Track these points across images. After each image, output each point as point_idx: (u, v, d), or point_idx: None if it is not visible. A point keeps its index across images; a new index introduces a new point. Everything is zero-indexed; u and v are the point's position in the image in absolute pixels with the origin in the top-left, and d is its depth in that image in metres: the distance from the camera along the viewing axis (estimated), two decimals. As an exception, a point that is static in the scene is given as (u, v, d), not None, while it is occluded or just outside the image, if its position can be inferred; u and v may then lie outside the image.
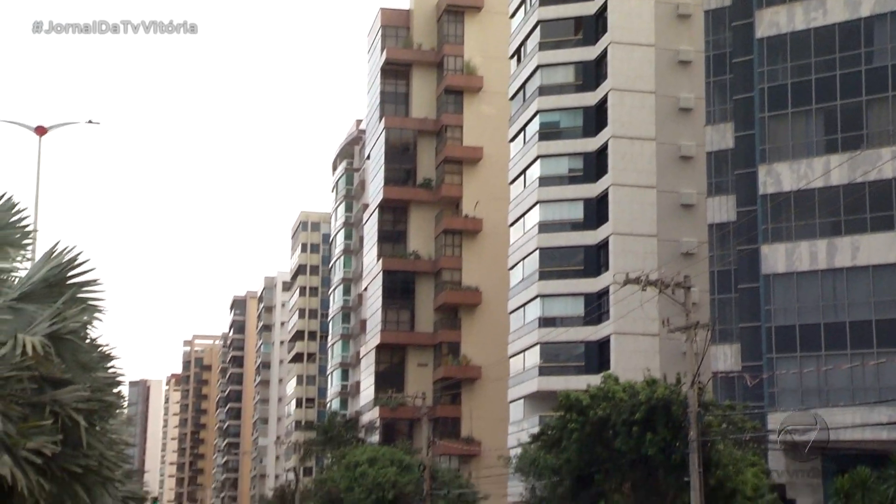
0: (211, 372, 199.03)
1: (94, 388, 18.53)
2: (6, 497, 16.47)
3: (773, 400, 42.57)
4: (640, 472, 36.79)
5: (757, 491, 36.91)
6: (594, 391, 38.63)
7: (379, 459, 64.94)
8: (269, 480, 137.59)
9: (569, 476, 40.08)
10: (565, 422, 38.90)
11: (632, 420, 36.06)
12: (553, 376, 62.03)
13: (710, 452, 35.43)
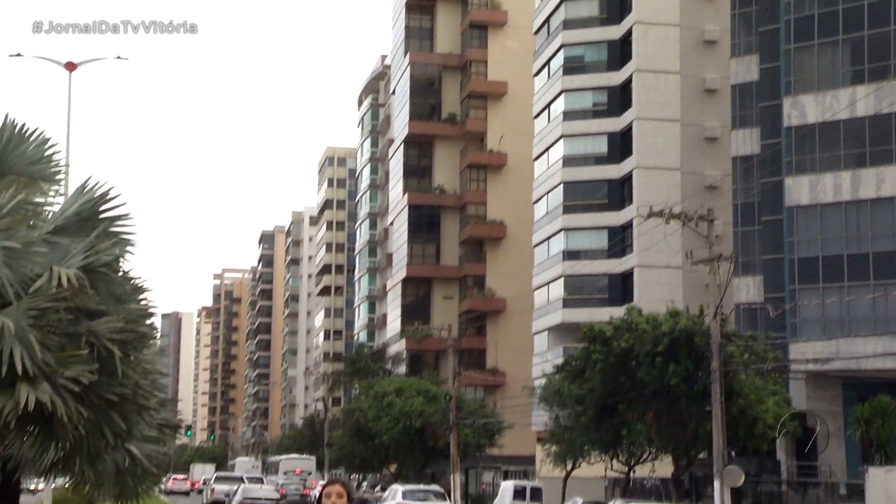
0: (241, 304, 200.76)
1: (127, 319, 18.74)
2: (47, 423, 16.76)
3: (795, 330, 42.51)
4: (662, 402, 36.94)
5: (778, 419, 37.01)
6: (617, 323, 38.67)
7: (406, 390, 65.55)
8: (298, 410, 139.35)
9: (592, 406, 40.32)
10: (589, 353, 39.02)
11: (655, 351, 36.12)
12: (577, 308, 62.15)
13: (732, 382, 35.51)
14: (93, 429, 17.60)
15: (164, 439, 30.28)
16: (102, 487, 26.08)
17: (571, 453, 47.09)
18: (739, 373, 36.06)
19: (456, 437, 58.21)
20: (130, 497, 26.91)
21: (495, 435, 63.89)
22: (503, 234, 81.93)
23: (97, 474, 22.97)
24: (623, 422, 38.67)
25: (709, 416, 34.68)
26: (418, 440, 63.65)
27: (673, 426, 37.68)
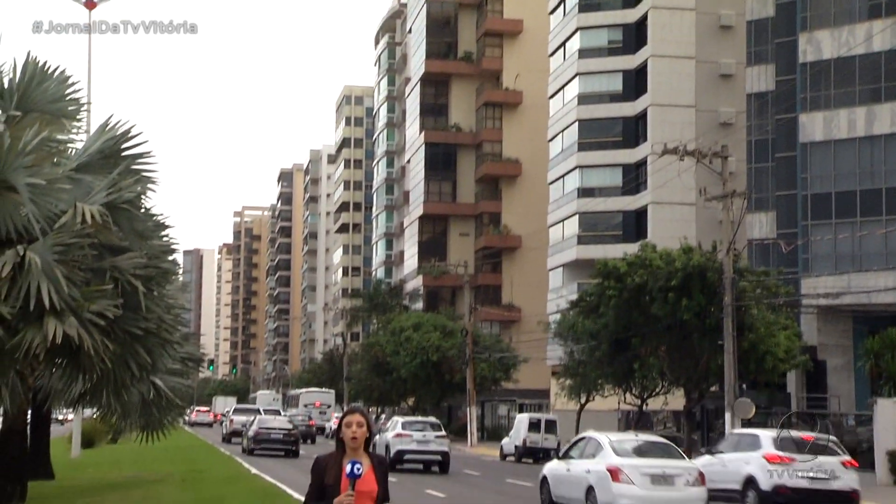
0: (260, 241, 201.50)
1: (150, 255, 18.92)
2: (74, 356, 17.01)
3: (807, 266, 42.45)
4: (675, 336, 37.07)
5: (789, 353, 37.11)
6: (631, 259, 38.67)
7: (423, 325, 65.98)
8: (317, 345, 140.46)
9: (606, 340, 40.49)
10: (603, 289, 39.08)
11: (668, 286, 36.16)
12: (591, 245, 62.13)
13: (744, 317, 35.58)
14: (118, 361, 17.87)
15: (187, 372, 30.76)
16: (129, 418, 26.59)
17: (585, 387, 47.46)
18: (751, 307, 36.10)
19: (472, 372, 58.69)
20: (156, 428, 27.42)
21: (511, 369, 64.39)
22: (519, 172, 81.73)
23: (123, 406, 23.41)
24: (636, 356, 38.86)
25: (720, 350, 34.84)
26: (435, 374, 64.22)
27: (685, 360, 37.85)
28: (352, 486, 6.23)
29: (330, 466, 6.41)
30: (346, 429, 6.46)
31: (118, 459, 37.87)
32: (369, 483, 6.34)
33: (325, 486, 6.34)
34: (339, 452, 6.48)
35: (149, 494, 23.17)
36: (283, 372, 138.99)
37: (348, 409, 6.63)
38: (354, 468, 6.23)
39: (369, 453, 6.53)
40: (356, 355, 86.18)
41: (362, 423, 6.47)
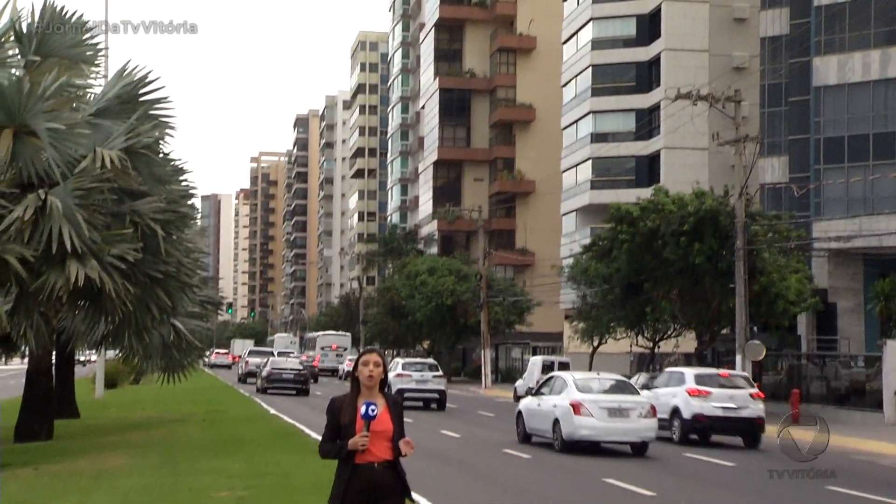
0: (277, 187, 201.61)
1: (169, 199, 19.00)
2: (96, 298, 17.18)
3: (818, 209, 42.25)
4: (687, 280, 37.07)
5: (799, 295, 37.09)
6: (644, 203, 38.56)
7: (438, 269, 66.16)
8: (334, 289, 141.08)
9: (619, 284, 40.54)
10: (616, 233, 39.04)
11: (680, 231, 36.07)
12: (604, 190, 61.94)
13: (756, 260, 35.53)
14: (139, 304, 18.04)
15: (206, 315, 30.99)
16: (150, 360, 26.88)
17: (598, 330, 47.61)
18: (763, 251, 36.03)
19: (486, 315, 58.94)
20: (176, 369, 27.71)
21: (524, 312, 64.63)
22: (532, 118, 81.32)
23: (145, 347, 23.67)
24: (648, 299, 38.91)
25: (732, 294, 34.85)
26: (450, 318, 64.53)
27: (697, 303, 37.88)
28: (366, 426, 6.23)
29: (345, 407, 6.40)
30: (362, 368, 6.43)
31: (140, 400, 38.34)
32: (384, 423, 6.33)
33: (340, 427, 6.35)
34: (354, 393, 6.45)
35: (171, 433, 23.50)
36: (301, 315, 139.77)
37: (365, 350, 6.61)
38: (369, 409, 6.23)
39: (384, 394, 6.49)
40: (372, 299, 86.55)
41: (379, 363, 6.44)
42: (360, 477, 6.26)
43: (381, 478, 6.28)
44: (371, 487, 6.26)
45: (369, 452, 6.27)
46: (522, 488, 15.66)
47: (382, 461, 6.30)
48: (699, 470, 19.20)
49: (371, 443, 6.24)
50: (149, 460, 17.48)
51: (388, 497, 6.28)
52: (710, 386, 24.78)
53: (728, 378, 25.74)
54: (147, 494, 13.09)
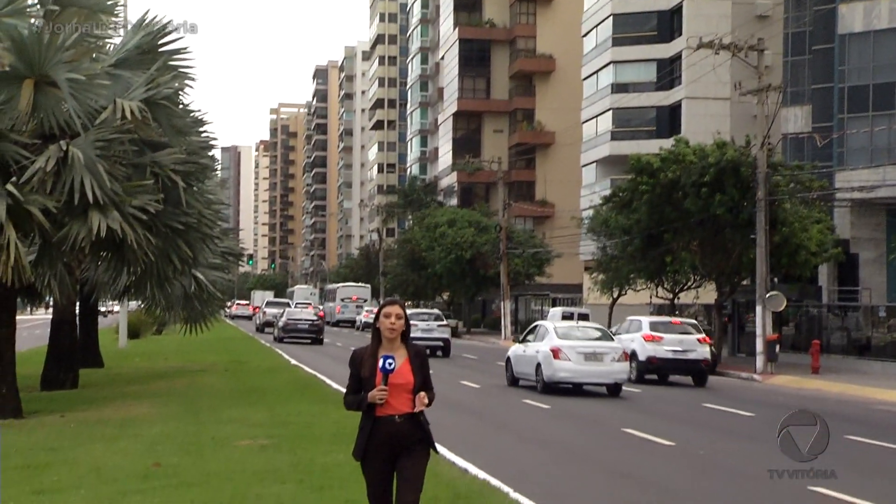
0: (297, 139, 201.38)
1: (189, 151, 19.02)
2: (118, 249, 17.28)
3: (841, 159, 41.81)
4: (707, 231, 36.89)
5: (821, 246, 36.87)
6: (665, 154, 38.29)
7: (457, 221, 66.11)
8: (354, 241, 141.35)
9: (639, 235, 40.41)
10: (636, 184, 38.81)
11: (701, 182, 35.83)
12: (625, 141, 61.54)
13: (777, 211, 35.32)
14: (161, 255, 18.15)
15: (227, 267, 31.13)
16: (172, 311, 27.06)
17: (618, 281, 47.54)
18: (784, 202, 35.80)
19: (506, 267, 58.97)
20: (198, 320, 27.89)
21: (544, 264, 64.59)
22: (552, 68, 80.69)
23: (167, 298, 23.84)
24: (668, 250, 38.79)
25: (752, 245, 34.69)
26: (470, 269, 64.61)
27: (717, 254, 37.73)
28: (384, 380, 6.20)
29: (366, 359, 6.36)
30: (384, 319, 6.37)
31: (163, 350, 38.69)
32: (404, 375, 6.29)
33: (361, 379, 6.33)
34: (375, 344, 6.41)
35: (193, 383, 23.72)
36: (321, 267, 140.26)
37: (387, 301, 6.55)
38: (386, 363, 6.22)
39: (407, 345, 6.44)
40: (392, 251, 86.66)
41: (401, 315, 6.41)
42: (381, 429, 6.25)
43: (402, 430, 6.26)
44: (392, 440, 6.25)
45: (389, 405, 6.24)
46: (544, 439, 15.76)
47: (403, 414, 6.26)
48: (713, 420, 19.26)
49: (391, 395, 6.22)
50: (172, 409, 17.67)
51: (411, 449, 6.27)
52: (663, 332, 28.12)
53: (679, 325, 29.19)
54: (171, 443, 13.25)
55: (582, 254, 58.59)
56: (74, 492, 9.85)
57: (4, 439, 14.12)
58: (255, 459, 11.78)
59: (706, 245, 37.76)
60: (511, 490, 10.12)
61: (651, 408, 21.23)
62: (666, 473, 12.44)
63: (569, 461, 13.48)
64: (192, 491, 9.79)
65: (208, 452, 12.38)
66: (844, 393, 27.10)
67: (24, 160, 16.01)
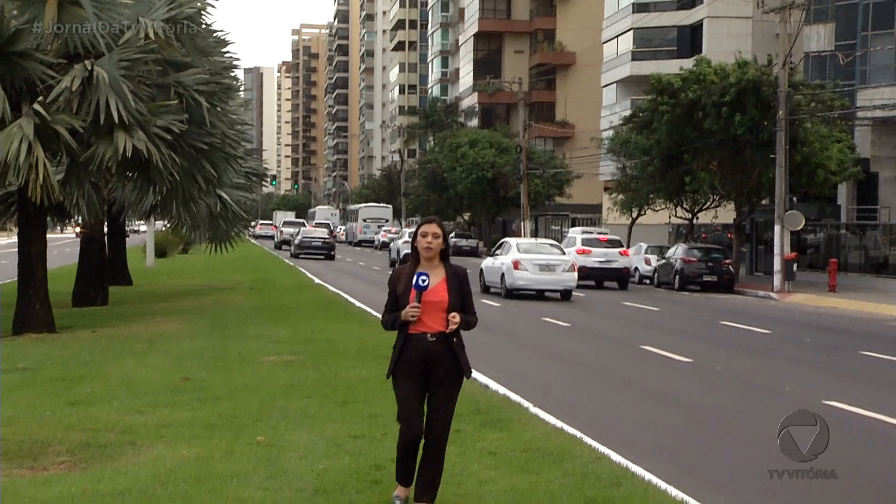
0: (318, 60, 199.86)
1: (212, 71, 18.93)
2: (144, 169, 17.32)
3: (864, 77, 41.08)
4: (727, 151, 36.59)
5: (841, 165, 36.50)
6: (685, 74, 37.80)
7: (478, 142, 65.77)
8: (376, 161, 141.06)
9: (658, 156, 40.13)
10: (656, 104, 38.42)
11: (721, 101, 35.43)
12: (645, 61, 60.70)
13: (797, 131, 34.94)
14: (186, 175, 18.19)
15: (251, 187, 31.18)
16: (198, 230, 27.20)
17: (637, 202, 47.38)
18: (805, 121, 35.38)
19: (526, 187, 58.79)
20: (223, 239, 28.04)
21: (564, 185, 64.34)
22: (574, -13, 79.37)
23: (192, 217, 23.95)
24: (688, 171, 38.54)
25: (772, 164, 34.40)
26: (490, 190, 64.46)
27: (736, 174, 37.46)
28: (418, 297, 6.06)
29: (402, 277, 6.25)
30: (421, 238, 6.22)
31: (189, 269, 39.02)
32: (439, 293, 6.13)
33: (397, 297, 6.23)
34: (412, 263, 6.28)
35: (220, 301, 23.96)
36: (343, 188, 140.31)
37: (425, 219, 6.35)
38: (419, 280, 6.06)
39: (445, 264, 6.28)
40: (413, 172, 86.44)
41: (438, 234, 6.21)
42: (413, 347, 6.13)
43: (434, 349, 6.12)
44: (423, 357, 6.12)
45: (422, 323, 6.11)
46: (564, 355, 15.88)
47: (436, 332, 6.12)
48: (730, 337, 19.34)
49: (425, 313, 6.09)
50: (199, 326, 17.87)
51: (442, 368, 6.14)
52: (592, 246, 33.69)
53: (606, 241, 34.64)
54: (199, 358, 13.43)
55: (602, 174, 58.30)
56: (107, 403, 10.03)
57: (39, 351, 14.38)
58: (281, 374, 11.91)
59: (725, 165, 37.49)
60: (531, 405, 10.22)
61: (669, 326, 21.31)
62: (683, 389, 12.53)
63: (587, 377, 13.59)
64: (219, 404, 9.95)
65: (235, 367, 12.54)
66: (861, 310, 27.09)
67: (50, 80, 15.98)
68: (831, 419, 10.44)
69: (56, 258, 40.17)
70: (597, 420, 10.06)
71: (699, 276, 34.19)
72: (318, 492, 6.59)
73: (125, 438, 8.43)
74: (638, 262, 39.00)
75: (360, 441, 8.24)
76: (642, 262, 38.82)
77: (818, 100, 36.18)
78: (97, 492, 6.61)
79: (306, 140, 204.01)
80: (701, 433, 9.70)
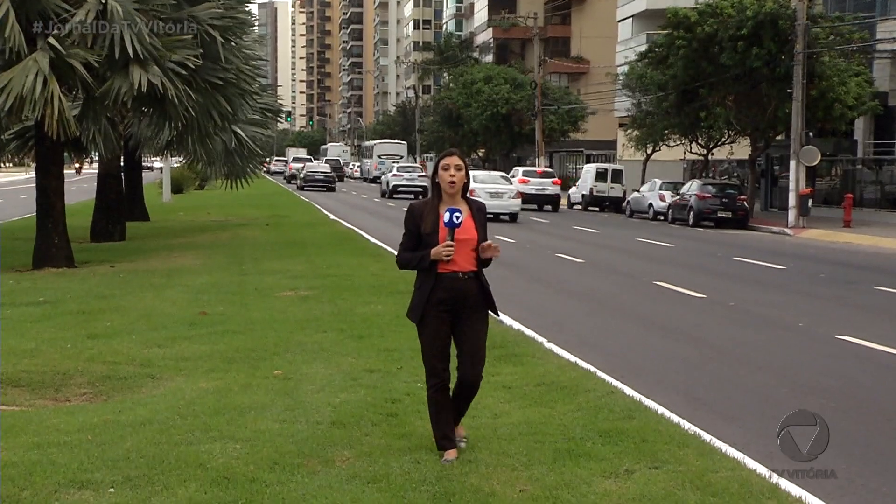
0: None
1: (226, 6, 18.73)
2: (159, 104, 17.24)
3: (885, 8, 40.27)
4: (743, 86, 36.16)
5: (858, 99, 36.02)
6: (702, 8, 37.23)
7: (493, 78, 65.22)
8: (390, 97, 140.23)
9: (674, 91, 39.75)
10: (672, 39, 37.92)
11: (738, 35, 34.92)
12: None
13: (815, 65, 34.46)
14: (201, 110, 18.10)
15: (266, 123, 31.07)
16: (213, 166, 27.16)
17: (652, 137, 47.05)
18: (823, 55, 34.87)
19: (541, 123, 58.41)
20: (238, 175, 28.01)
21: (579, 121, 63.86)
22: (590, -80, 77.96)
23: (208, 153, 23.91)
24: (703, 106, 38.17)
25: (789, 99, 34.02)
26: (505, 126, 64.08)
27: (752, 109, 37.06)
28: (451, 235, 5.70)
29: (427, 214, 5.81)
30: (443, 172, 5.79)
31: (206, 204, 39.08)
32: (469, 231, 5.80)
33: (421, 235, 5.79)
34: (435, 199, 5.87)
35: (236, 236, 24.02)
36: (358, 124, 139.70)
37: (446, 152, 5.92)
38: (453, 217, 5.69)
39: (467, 200, 5.92)
40: (428, 108, 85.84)
41: (461, 166, 5.81)
42: (444, 286, 5.75)
43: (466, 287, 5.79)
44: (455, 297, 5.77)
45: (453, 262, 5.75)
46: (578, 291, 15.88)
47: (467, 271, 5.79)
48: (745, 272, 19.29)
49: (455, 252, 5.72)
50: (216, 261, 17.93)
51: (472, 308, 5.82)
52: (530, 177, 41.86)
53: (542, 173, 43.52)
54: (216, 292, 13.48)
55: (616, 110, 57.84)
56: (126, 336, 10.10)
57: (59, 285, 14.46)
58: (297, 309, 11.95)
59: (741, 100, 37.10)
60: (545, 340, 10.22)
61: (683, 262, 21.27)
62: (696, 323, 12.53)
63: (601, 312, 13.60)
64: (237, 338, 9.99)
65: (251, 302, 12.58)
66: (876, 245, 26.96)
67: (65, 13, 15.85)
68: (845, 352, 10.46)
69: (74, 193, 40.28)
70: (610, 354, 10.07)
71: (713, 213, 34.10)
72: (334, 424, 6.64)
73: (144, 371, 8.50)
74: (652, 198, 38.84)
75: (375, 375, 8.28)
76: (657, 198, 38.63)
77: (836, 32, 35.63)
78: (118, 422, 6.68)
79: (321, 76, 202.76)
80: (714, 367, 9.72)
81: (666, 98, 40.98)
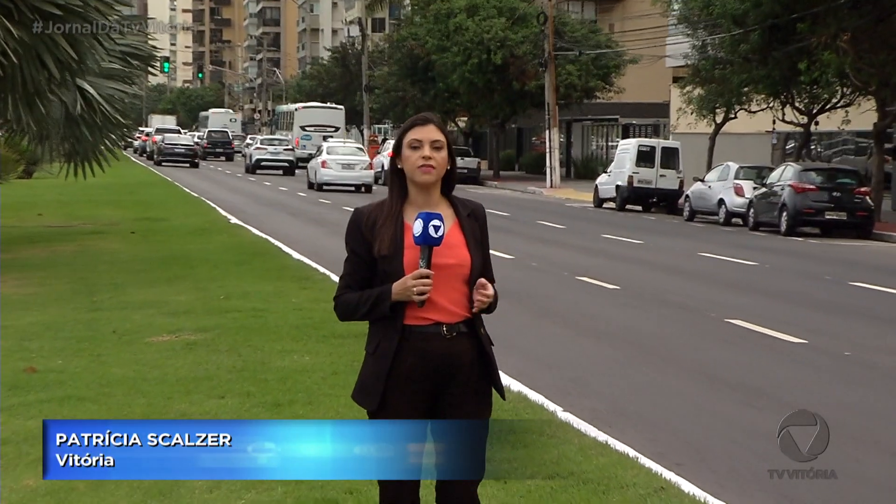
0: None
1: None
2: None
3: None
4: (866, 18, 36.53)
5: None
6: None
7: (481, 8, 65.56)
8: (323, 37, 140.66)
9: (758, 27, 40.08)
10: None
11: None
12: None
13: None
14: (28, 56, 18.02)
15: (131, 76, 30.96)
16: (48, 141, 27.01)
17: (724, 98, 47.36)
18: None
19: (553, 78, 58.76)
20: (88, 155, 27.86)
21: (611, 73, 64.36)
22: None
23: (39, 121, 23.72)
24: (803, 49, 38.48)
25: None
26: (499, 81, 64.48)
27: (880, 53, 37.33)
28: (425, 259, 5.05)
29: (383, 224, 5.19)
30: (410, 152, 5.19)
31: (36, 201, 39.01)
32: (455, 250, 5.18)
33: (376, 261, 5.17)
34: (396, 199, 5.26)
35: (83, 250, 23.99)
36: (274, 78, 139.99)
37: (415, 118, 5.31)
38: (429, 227, 5.02)
39: (452, 199, 5.33)
40: (381, 54, 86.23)
41: (440, 142, 5.20)
42: (416, 349, 5.14)
43: (454, 351, 5.17)
44: (436, 367, 5.16)
45: (430, 306, 5.10)
46: (612, 332, 15.94)
47: (456, 322, 5.16)
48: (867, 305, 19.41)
49: (435, 286, 5.06)
50: (53, 289, 17.88)
51: (463, 385, 5.23)
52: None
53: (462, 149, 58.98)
54: (53, 338, 13.43)
55: (670, 55, 58.23)
56: None
57: None
58: (179, 362, 12.00)
59: (863, 39, 37.40)
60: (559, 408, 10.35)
61: (770, 289, 21.41)
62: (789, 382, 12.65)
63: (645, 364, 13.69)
64: (83, 407, 9.92)
65: (108, 352, 12.58)
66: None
67: None
68: None
69: None
70: (659, 429, 10.17)
71: (818, 213, 34.26)
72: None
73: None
74: (724, 191, 38.99)
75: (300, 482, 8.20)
76: (731, 191, 38.81)
77: None
78: None
79: (216, 4, 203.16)
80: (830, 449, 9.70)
81: (745, 37, 41.28)
